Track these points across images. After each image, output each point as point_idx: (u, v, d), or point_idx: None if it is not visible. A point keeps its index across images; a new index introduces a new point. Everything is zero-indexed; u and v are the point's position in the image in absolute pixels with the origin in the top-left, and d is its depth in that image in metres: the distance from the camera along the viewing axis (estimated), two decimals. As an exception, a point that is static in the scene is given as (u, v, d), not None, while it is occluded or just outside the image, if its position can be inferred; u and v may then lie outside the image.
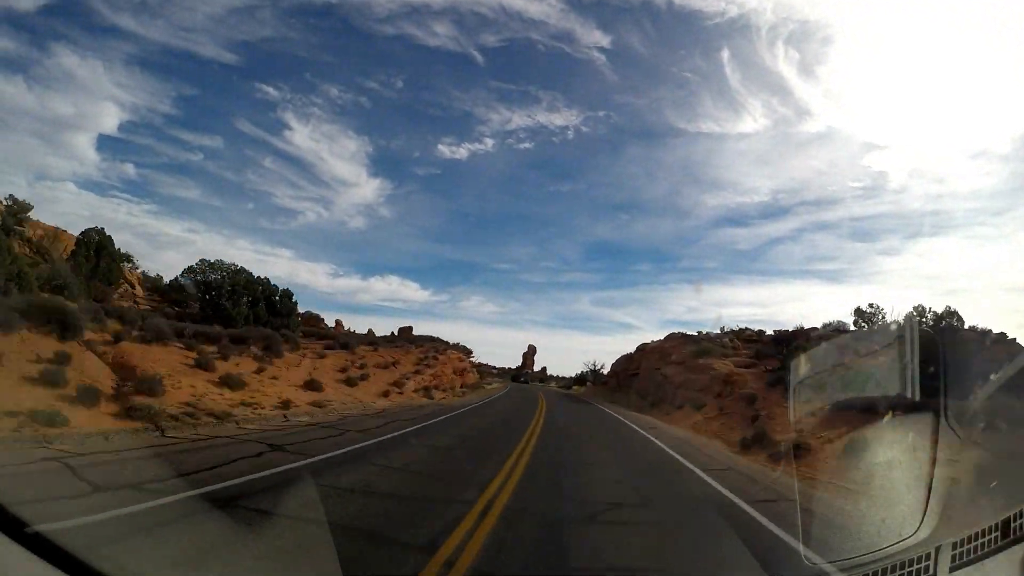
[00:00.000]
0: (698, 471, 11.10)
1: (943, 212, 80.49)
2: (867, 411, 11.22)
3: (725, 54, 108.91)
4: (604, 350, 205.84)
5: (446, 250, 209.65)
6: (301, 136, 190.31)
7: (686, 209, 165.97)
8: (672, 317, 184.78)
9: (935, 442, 4.53)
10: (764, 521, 6.97)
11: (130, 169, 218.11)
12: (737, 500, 8.31)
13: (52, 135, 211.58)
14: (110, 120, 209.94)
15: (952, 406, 5.21)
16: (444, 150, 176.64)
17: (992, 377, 5.83)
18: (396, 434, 12.77)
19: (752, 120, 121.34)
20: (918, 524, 4.46)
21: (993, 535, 3.38)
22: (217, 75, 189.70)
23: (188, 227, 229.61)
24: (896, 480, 7.59)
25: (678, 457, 13.17)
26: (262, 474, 7.17)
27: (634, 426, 21.79)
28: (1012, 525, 3.30)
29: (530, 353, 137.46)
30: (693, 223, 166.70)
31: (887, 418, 9.01)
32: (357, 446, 10.44)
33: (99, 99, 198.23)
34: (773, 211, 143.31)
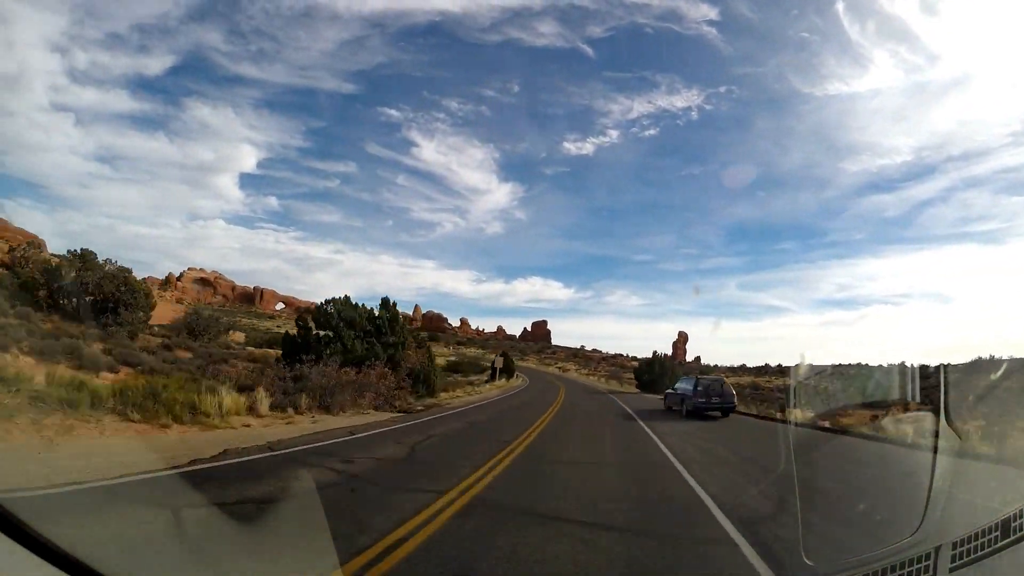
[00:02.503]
0: None
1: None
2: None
3: (840, 6, 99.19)
4: (756, 336, 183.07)
5: (584, 246, 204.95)
6: (428, 151, 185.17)
7: (825, 179, 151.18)
8: (824, 296, 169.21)
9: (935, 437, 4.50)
10: None
11: (273, 201, 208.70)
12: None
13: (198, 179, 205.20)
14: (248, 159, 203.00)
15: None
16: (570, 147, 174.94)
17: None
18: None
19: (880, 74, 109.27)
20: (918, 523, 4.44)
21: (993, 535, 3.36)
22: (340, 105, 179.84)
23: (334, 249, 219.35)
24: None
25: None
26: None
27: None
28: (1012, 525, 3.28)
29: (681, 341, 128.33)
30: (834, 193, 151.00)
31: None
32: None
33: (235, 142, 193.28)
34: (918, 171, 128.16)
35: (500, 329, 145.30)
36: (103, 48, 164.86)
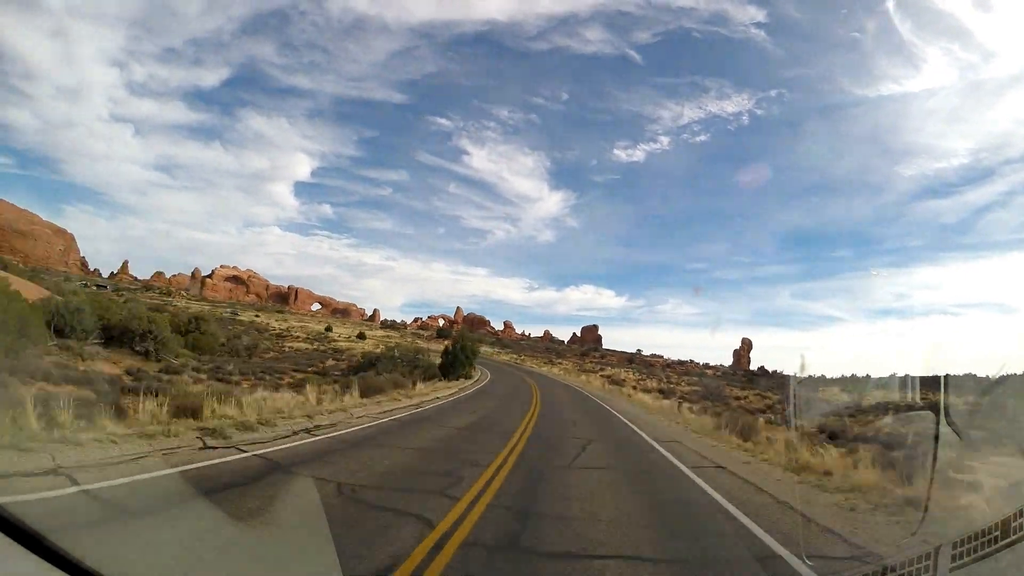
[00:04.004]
0: None
1: None
2: None
3: (890, 3, 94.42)
4: (809, 346, 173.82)
5: (636, 254, 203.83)
6: (479, 159, 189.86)
7: (879, 184, 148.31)
8: (881, 306, 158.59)
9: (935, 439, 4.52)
10: None
11: (327, 209, 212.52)
12: None
13: (253, 188, 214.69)
14: (302, 168, 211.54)
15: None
16: (620, 154, 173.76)
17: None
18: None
19: (933, 73, 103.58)
20: (918, 523, 4.46)
21: (993, 535, 3.39)
22: (391, 115, 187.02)
23: (386, 255, 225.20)
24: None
25: None
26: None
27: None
28: (1012, 525, 3.32)
29: (744, 350, 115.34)
30: (889, 198, 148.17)
31: None
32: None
33: (289, 151, 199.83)
34: (975, 174, 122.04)
35: (546, 333, 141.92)
36: (160, 62, 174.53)
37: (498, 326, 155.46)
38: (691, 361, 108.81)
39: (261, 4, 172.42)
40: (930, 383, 5.98)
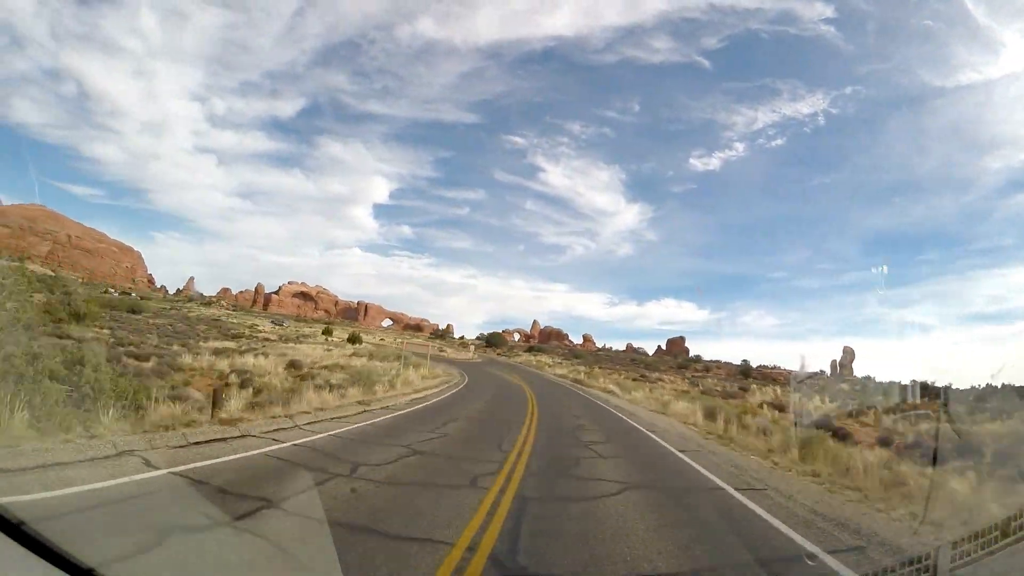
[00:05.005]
0: None
1: None
2: None
3: None
4: (897, 354, 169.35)
5: (716, 265, 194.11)
6: (555, 175, 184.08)
7: (966, 179, 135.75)
8: (975, 311, 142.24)
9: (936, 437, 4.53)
10: None
11: (406, 230, 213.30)
12: None
13: (333, 211, 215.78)
14: (380, 191, 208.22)
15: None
16: (696, 163, 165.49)
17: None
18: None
19: (1014, 57, 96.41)
20: (919, 522, 4.47)
21: (993, 535, 3.40)
22: (465, 135, 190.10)
23: (466, 274, 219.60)
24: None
25: None
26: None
27: None
28: (1012, 525, 3.33)
29: (847, 359, 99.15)
30: (977, 195, 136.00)
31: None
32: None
33: (367, 175, 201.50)
34: None
35: (629, 346, 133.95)
36: (238, 95, 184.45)
37: (577, 340, 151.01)
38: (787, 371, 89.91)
39: (331, 35, 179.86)
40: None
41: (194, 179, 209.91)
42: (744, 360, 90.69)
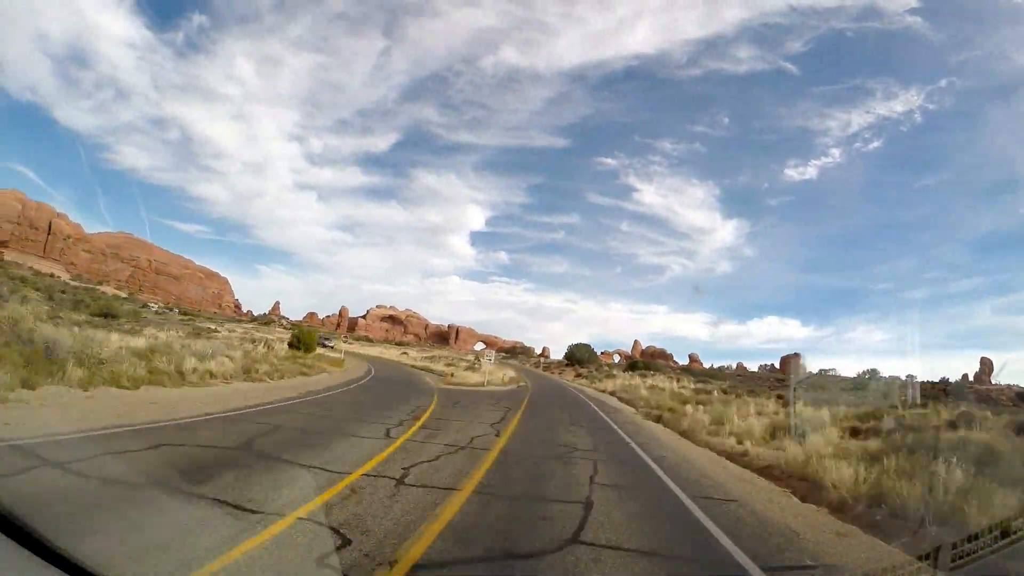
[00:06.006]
0: None
1: None
2: None
3: None
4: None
5: (819, 279, 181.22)
6: (649, 195, 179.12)
7: None
8: None
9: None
10: None
11: (503, 256, 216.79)
12: None
13: (431, 240, 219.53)
14: (476, 219, 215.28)
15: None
16: (791, 174, 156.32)
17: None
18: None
19: None
20: (919, 522, 4.52)
21: (993, 535, 3.45)
22: (556, 159, 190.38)
23: (565, 298, 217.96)
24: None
25: None
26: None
27: None
28: (1012, 525, 3.38)
29: (986, 372, 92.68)
30: None
31: None
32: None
33: (461, 204, 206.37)
34: None
35: (739, 365, 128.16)
36: (334, 133, 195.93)
37: (682, 360, 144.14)
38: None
39: (417, 71, 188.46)
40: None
41: (296, 214, 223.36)
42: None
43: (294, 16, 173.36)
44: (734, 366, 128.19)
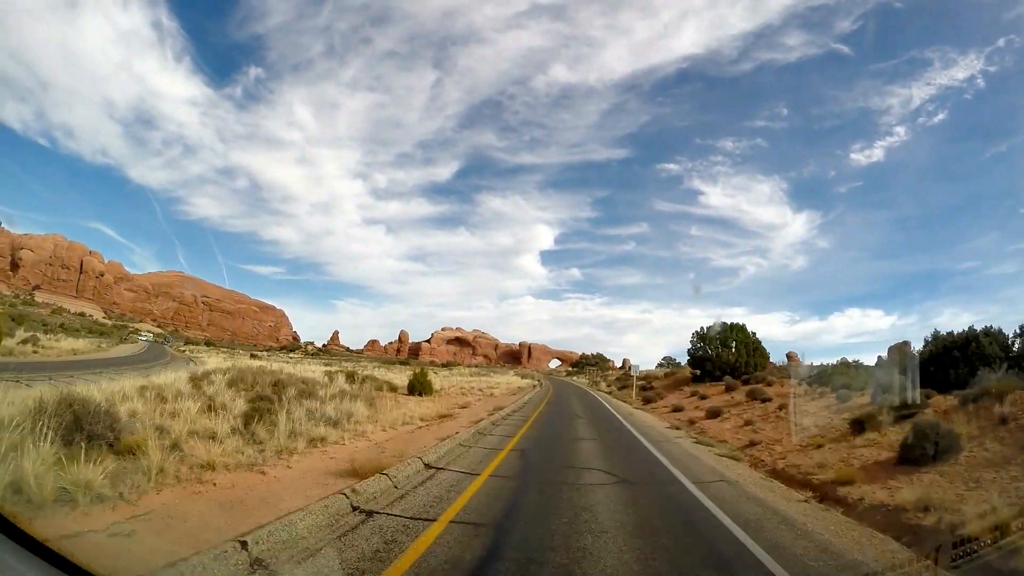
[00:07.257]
0: None
1: None
2: None
3: None
4: None
5: (897, 265, 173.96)
6: (715, 196, 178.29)
7: None
8: None
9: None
10: None
11: (575, 272, 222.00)
12: None
13: (502, 263, 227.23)
14: (545, 238, 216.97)
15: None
16: (858, 158, 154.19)
17: None
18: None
19: None
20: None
21: (993, 534, 3.49)
22: (618, 171, 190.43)
23: (641, 309, 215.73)
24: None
25: None
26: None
27: None
28: (1012, 525, 3.42)
29: None
30: None
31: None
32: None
33: (529, 224, 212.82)
34: None
35: (842, 360, 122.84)
36: (396, 167, 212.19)
37: (779, 360, 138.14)
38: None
39: (471, 98, 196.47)
40: None
41: (366, 248, 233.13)
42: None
43: (344, 60, 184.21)
44: (834, 363, 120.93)
